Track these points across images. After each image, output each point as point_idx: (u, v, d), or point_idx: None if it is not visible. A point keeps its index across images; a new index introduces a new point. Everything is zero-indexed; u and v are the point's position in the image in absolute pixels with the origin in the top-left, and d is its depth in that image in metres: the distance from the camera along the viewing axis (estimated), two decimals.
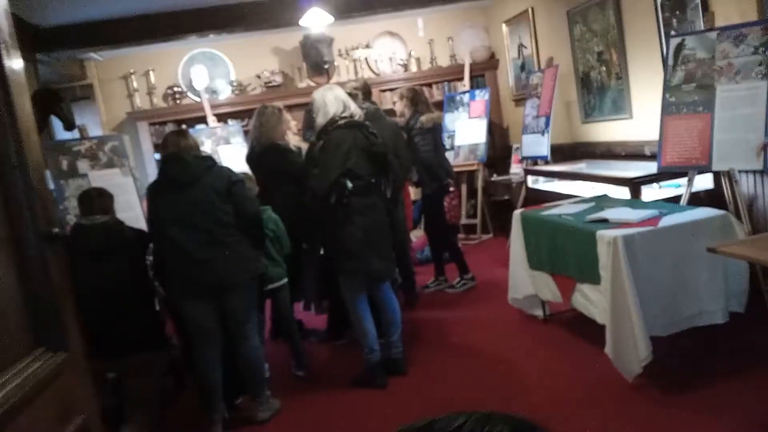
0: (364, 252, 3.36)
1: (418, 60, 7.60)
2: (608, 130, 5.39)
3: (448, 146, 7.06)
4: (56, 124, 4.93)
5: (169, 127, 7.06)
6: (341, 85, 4.93)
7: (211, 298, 3.13)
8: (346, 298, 3.51)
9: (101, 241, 3.25)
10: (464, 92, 7.28)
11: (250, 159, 4.22)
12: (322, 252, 3.85)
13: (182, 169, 3.09)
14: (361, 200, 3.35)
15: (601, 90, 5.40)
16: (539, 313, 4.03)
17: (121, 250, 3.30)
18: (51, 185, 4.63)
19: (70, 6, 4.74)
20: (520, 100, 6.97)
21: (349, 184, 3.28)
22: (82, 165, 4.83)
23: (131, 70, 6.98)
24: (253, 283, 3.25)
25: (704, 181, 3.98)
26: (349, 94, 3.71)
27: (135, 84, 7.02)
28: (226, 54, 7.21)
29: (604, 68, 5.31)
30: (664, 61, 4.19)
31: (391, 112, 5.60)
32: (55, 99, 4.73)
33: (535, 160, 5.97)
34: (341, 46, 7.36)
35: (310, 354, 4.03)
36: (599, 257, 3.03)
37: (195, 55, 7.14)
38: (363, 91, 4.70)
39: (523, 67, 6.97)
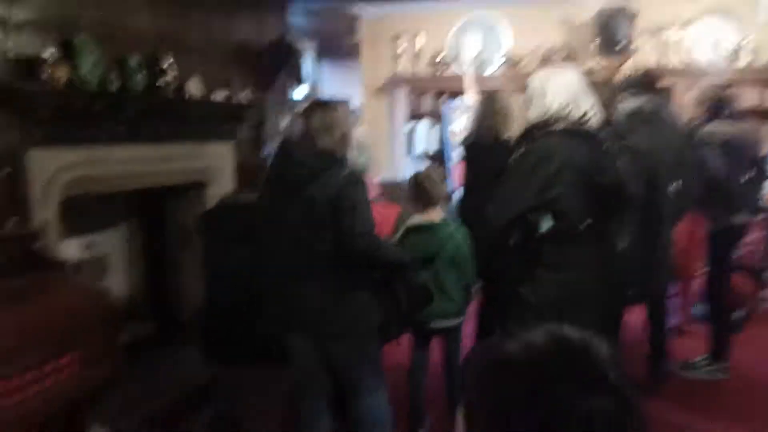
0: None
1: (754, 51, 5.64)
2: None
3: None
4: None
5: (427, 98, 6.47)
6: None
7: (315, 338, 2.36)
8: None
9: (242, 223, 2.72)
10: None
11: (464, 153, 3.36)
12: None
13: (287, 168, 2.29)
14: (558, 251, 2.16)
15: None
16: None
17: None
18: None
19: None
20: None
21: (544, 226, 2.11)
22: None
23: (400, 32, 6.47)
24: (368, 335, 2.37)
25: None
26: (601, 84, 2.48)
27: (402, 47, 6.51)
28: (506, 21, 6.23)
29: None
30: None
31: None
32: (291, 52, 4.43)
33: None
34: (649, 22, 5.78)
35: None
36: None
37: (471, 19, 6.33)
38: (642, 82, 3.40)
39: None
